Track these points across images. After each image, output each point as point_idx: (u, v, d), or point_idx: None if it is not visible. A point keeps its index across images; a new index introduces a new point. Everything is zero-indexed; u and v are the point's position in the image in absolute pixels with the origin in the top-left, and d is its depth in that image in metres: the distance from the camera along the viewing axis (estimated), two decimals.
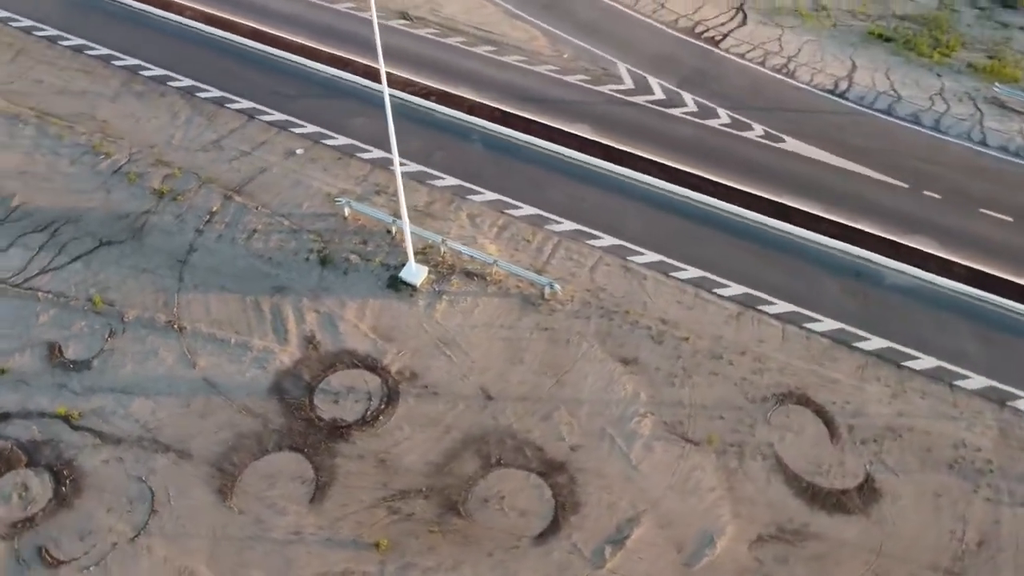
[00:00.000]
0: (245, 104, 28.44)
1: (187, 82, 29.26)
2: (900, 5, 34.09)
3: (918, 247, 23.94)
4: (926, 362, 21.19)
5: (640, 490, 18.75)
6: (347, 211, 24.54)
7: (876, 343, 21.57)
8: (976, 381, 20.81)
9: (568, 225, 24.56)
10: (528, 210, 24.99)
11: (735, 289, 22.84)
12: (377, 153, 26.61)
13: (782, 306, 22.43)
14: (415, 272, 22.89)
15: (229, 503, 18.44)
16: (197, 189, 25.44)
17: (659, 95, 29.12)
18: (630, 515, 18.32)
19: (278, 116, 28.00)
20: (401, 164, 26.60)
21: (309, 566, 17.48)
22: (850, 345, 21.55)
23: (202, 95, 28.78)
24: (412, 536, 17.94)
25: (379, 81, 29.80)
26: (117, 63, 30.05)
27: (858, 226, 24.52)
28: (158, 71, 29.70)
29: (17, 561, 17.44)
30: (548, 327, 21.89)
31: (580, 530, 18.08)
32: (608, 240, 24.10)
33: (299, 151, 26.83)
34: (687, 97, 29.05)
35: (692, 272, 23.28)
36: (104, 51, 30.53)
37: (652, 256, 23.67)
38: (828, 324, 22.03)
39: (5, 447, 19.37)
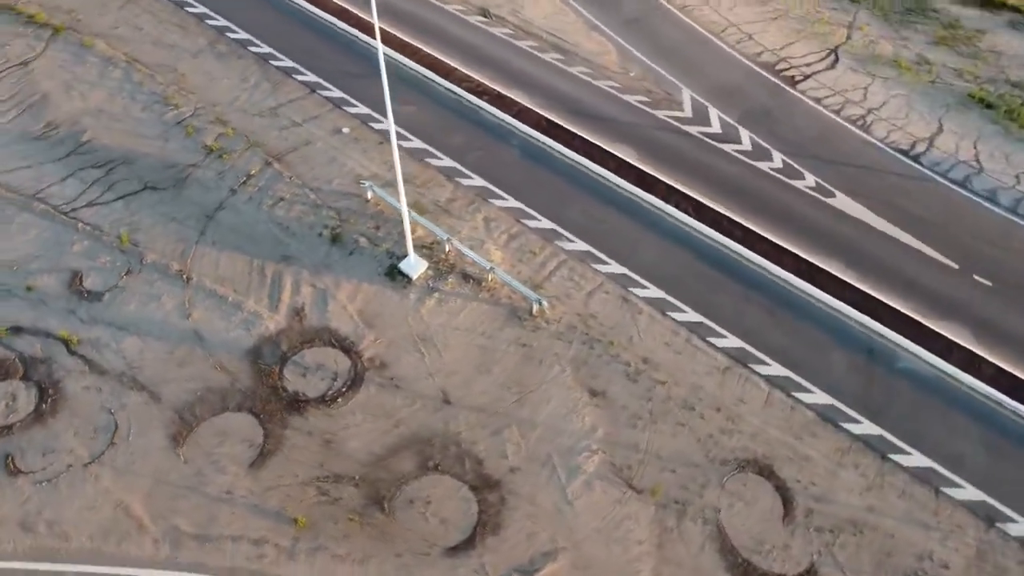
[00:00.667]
0: (310, 77, 29.55)
1: (265, 49, 30.70)
2: (1016, 70, 31.02)
3: (947, 335, 21.79)
4: (916, 460, 19.39)
5: (567, 527, 18.27)
6: (369, 195, 25.12)
7: (866, 428, 19.94)
8: (967, 492, 18.86)
9: (579, 245, 24.08)
10: (544, 223, 24.68)
11: (731, 341, 21.70)
12: (417, 143, 27.05)
13: (776, 369, 21.12)
14: (414, 265, 23.15)
15: (179, 451, 19.42)
16: (243, 151, 26.72)
17: (715, 128, 27.95)
18: (548, 549, 17.90)
19: (336, 93, 28.94)
20: (436, 159, 27.01)
21: (230, 526, 18.16)
22: (837, 424, 20.03)
23: (275, 63, 30.13)
24: (332, 520, 18.29)
25: (440, 74, 30.45)
26: (209, 22, 31.91)
27: (886, 300, 22.63)
28: (243, 35, 31.31)
29: None
30: (527, 343, 21.61)
31: (494, 552, 17.84)
32: (615, 268, 23.45)
33: (345, 130, 27.65)
34: (744, 134, 27.71)
35: (691, 316, 22.30)
36: (201, 10, 32.48)
37: (655, 292, 22.85)
38: (820, 397, 20.55)
39: (9, 357, 21.18)
